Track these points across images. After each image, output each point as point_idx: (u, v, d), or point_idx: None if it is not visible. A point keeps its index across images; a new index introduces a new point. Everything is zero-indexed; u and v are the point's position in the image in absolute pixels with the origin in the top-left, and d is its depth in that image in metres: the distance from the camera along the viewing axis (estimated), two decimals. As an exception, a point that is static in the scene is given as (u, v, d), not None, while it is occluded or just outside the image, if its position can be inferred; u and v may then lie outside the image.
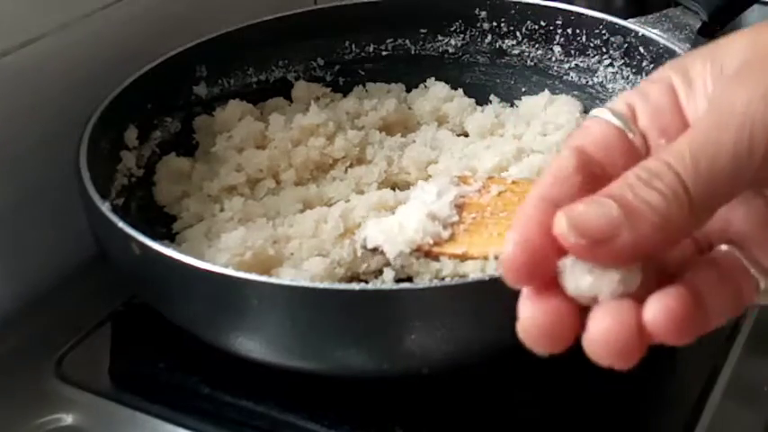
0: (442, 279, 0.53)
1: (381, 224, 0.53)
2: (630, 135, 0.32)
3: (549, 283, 0.29)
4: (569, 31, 0.68)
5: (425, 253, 0.53)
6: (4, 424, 0.53)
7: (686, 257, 0.31)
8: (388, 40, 0.73)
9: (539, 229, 0.29)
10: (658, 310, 0.28)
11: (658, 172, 0.28)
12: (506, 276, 0.29)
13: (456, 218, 0.53)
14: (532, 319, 0.29)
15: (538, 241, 0.29)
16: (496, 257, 0.50)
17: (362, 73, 0.73)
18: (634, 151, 0.32)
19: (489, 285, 0.44)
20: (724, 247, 0.31)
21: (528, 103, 0.69)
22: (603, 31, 0.66)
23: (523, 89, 0.71)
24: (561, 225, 0.28)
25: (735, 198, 0.30)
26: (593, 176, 0.30)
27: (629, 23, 0.65)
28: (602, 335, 0.28)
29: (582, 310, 0.29)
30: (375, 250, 0.53)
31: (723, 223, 0.32)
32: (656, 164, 0.29)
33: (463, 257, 0.52)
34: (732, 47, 0.32)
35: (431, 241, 0.52)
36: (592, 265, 0.28)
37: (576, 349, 0.52)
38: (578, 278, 0.29)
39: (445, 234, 0.52)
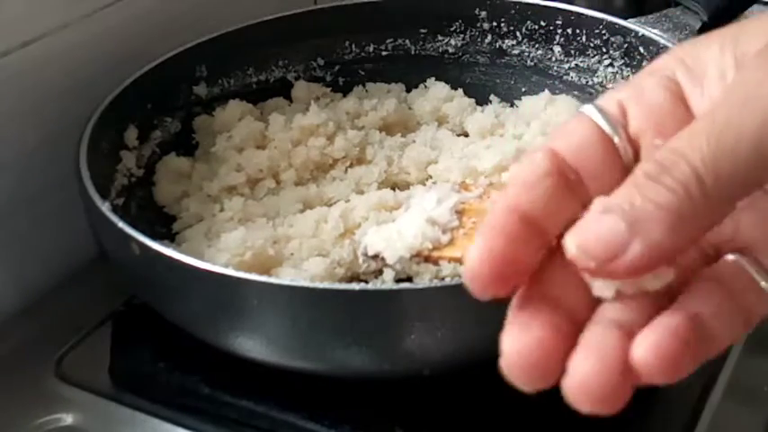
0: (442, 279, 0.53)
1: (381, 232, 0.54)
2: (616, 140, 0.29)
3: (534, 301, 0.27)
4: (569, 31, 0.68)
5: (425, 258, 0.53)
6: (4, 424, 0.53)
7: (690, 267, 0.29)
8: (388, 40, 0.73)
9: (504, 238, 0.27)
10: (648, 347, 0.25)
11: (669, 165, 0.26)
12: (470, 287, 0.27)
13: (456, 223, 0.53)
14: (516, 351, 0.26)
15: (502, 250, 0.26)
16: None
17: (362, 73, 0.73)
18: (616, 158, 0.29)
19: (489, 285, 0.44)
20: (731, 257, 0.29)
21: (528, 103, 0.69)
22: (603, 31, 0.66)
23: (523, 89, 0.71)
24: (571, 250, 0.26)
25: (757, 190, 0.27)
26: (566, 182, 0.28)
27: (629, 23, 0.65)
28: (582, 379, 0.25)
29: (570, 341, 0.26)
30: (376, 257, 0.54)
31: (732, 229, 0.29)
32: (666, 156, 0.26)
33: (462, 261, 0.52)
34: (754, 27, 0.28)
35: (430, 246, 0.52)
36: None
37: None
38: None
39: (444, 239, 0.52)
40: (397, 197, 0.59)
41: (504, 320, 0.28)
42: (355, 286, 0.49)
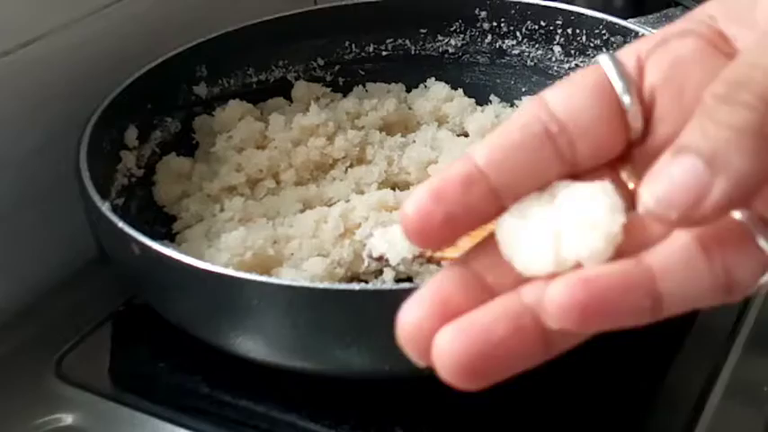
0: (442, 279, 0.53)
1: (386, 234, 0.54)
2: (625, 99, 0.25)
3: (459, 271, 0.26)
4: (569, 31, 0.68)
5: (428, 259, 0.53)
6: (4, 424, 0.53)
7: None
8: (388, 40, 0.73)
9: (444, 198, 0.25)
10: (558, 291, 0.22)
11: (742, 79, 0.22)
12: (405, 231, 0.25)
13: None
14: (408, 324, 0.25)
15: (441, 210, 0.25)
16: None
17: (362, 73, 0.73)
18: (618, 116, 0.25)
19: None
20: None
21: (528, 103, 0.69)
22: (603, 31, 0.66)
23: (523, 89, 0.71)
24: (648, 203, 0.23)
25: None
26: (547, 137, 0.25)
27: (629, 23, 0.65)
28: (441, 348, 0.23)
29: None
30: (380, 258, 0.54)
31: None
32: (736, 70, 0.22)
33: None
34: None
35: None
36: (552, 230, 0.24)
37: (574, 350, 0.52)
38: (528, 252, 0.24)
39: None
40: (397, 197, 0.59)
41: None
42: (355, 286, 0.49)
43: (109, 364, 0.57)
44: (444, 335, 0.24)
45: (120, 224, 0.49)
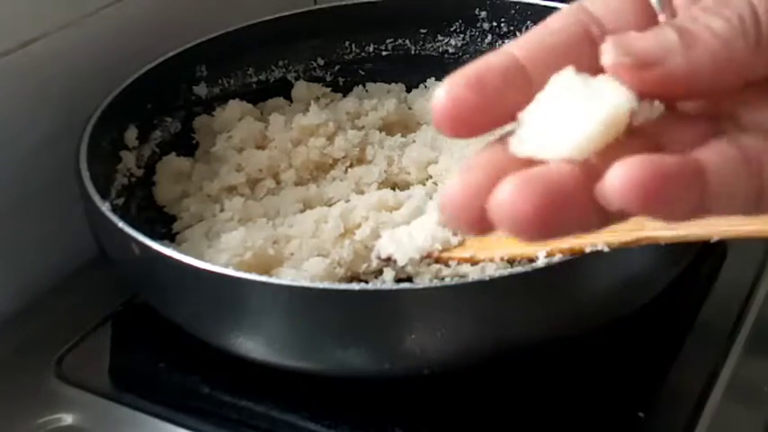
0: (442, 279, 0.53)
1: (394, 234, 0.54)
2: (660, 16, 0.27)
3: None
4: (569, 31, 0.68)
5: (435, 259, 0.53)
6: (4, 424, 0.53)
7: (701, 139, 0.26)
8: (388, 40, 0.73)
9: (499, 75, 0.25)
10: (620, 173, 0.23)
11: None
12: (436, 117, 0.25)
13: None
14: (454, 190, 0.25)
15: (473, 98, 0.25)
16: (502, 259, 0.51)
17: (362, 73, 0.73)
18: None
19: (489, 285, 0.44)
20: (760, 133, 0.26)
21: (528, 102, 0.69)
22: (603, 32, 0.66)
23: (523, 89, 0.71)
24: (607, 45, 0.25)
25: None
26: (586, 36, 0.26)
27: (629, 23, 0.65)
28: (499, 197, 0.23)
29: None
30: (389, 259, 0.54)
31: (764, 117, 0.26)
32: None
33: (471, 261, 0.52)
34: None
35: (439, 247, 0.52)
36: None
37: (574, 350, 0.52)
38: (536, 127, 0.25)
39: (454, 240, 0.53)
40: (397, 197, 0.59)
41: (505, 323, 0.27)
42: (355, 286, 0.49)
43: (109, 364, 0.57)
44: (511, 184, 0.24)
45: (120, 224, 0.49)
